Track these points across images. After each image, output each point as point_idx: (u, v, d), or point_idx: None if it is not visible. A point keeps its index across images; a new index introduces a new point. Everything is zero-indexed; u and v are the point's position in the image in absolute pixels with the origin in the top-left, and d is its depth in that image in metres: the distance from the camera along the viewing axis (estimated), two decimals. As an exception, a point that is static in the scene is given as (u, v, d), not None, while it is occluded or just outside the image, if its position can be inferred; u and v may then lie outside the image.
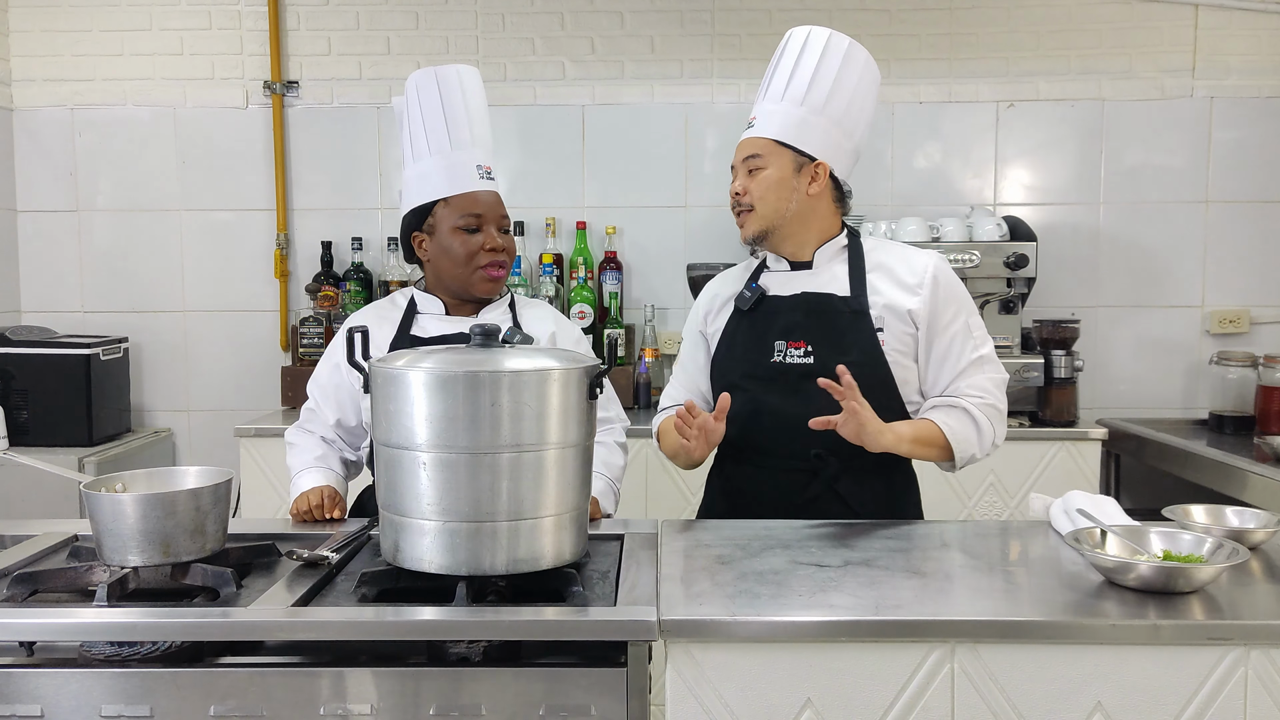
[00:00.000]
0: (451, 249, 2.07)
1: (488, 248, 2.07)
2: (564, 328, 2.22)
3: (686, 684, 1.46)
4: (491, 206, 2.10)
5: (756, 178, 2.02)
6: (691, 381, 2.19)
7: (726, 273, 2.23)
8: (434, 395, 1.50)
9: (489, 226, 2.08)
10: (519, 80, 3.72)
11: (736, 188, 2.05)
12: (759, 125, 2.03)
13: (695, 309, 2.22)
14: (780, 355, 2.02)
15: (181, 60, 3.77)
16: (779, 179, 2.00)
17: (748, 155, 2.03)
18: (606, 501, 2.10)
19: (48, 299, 3.82)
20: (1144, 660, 1.43)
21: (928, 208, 3.67)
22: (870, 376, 1.95)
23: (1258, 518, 1.78)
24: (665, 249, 3.79)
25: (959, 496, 3.24)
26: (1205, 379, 3.64)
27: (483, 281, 2.10)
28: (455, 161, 2.07)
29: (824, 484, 1.99)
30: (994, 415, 2.00)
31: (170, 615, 1.47)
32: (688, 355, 2.21)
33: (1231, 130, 3.70)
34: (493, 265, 2.09)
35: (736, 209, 2.05)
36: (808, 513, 1.98)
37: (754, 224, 2.03)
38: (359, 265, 3.71)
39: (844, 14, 3.69)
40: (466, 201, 2.07)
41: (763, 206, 2.01)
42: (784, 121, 2.00)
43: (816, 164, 2.00)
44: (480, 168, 2.10)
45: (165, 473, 1.73)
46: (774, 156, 2.00)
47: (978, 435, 1.98)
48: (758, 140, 2.02)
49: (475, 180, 2.08)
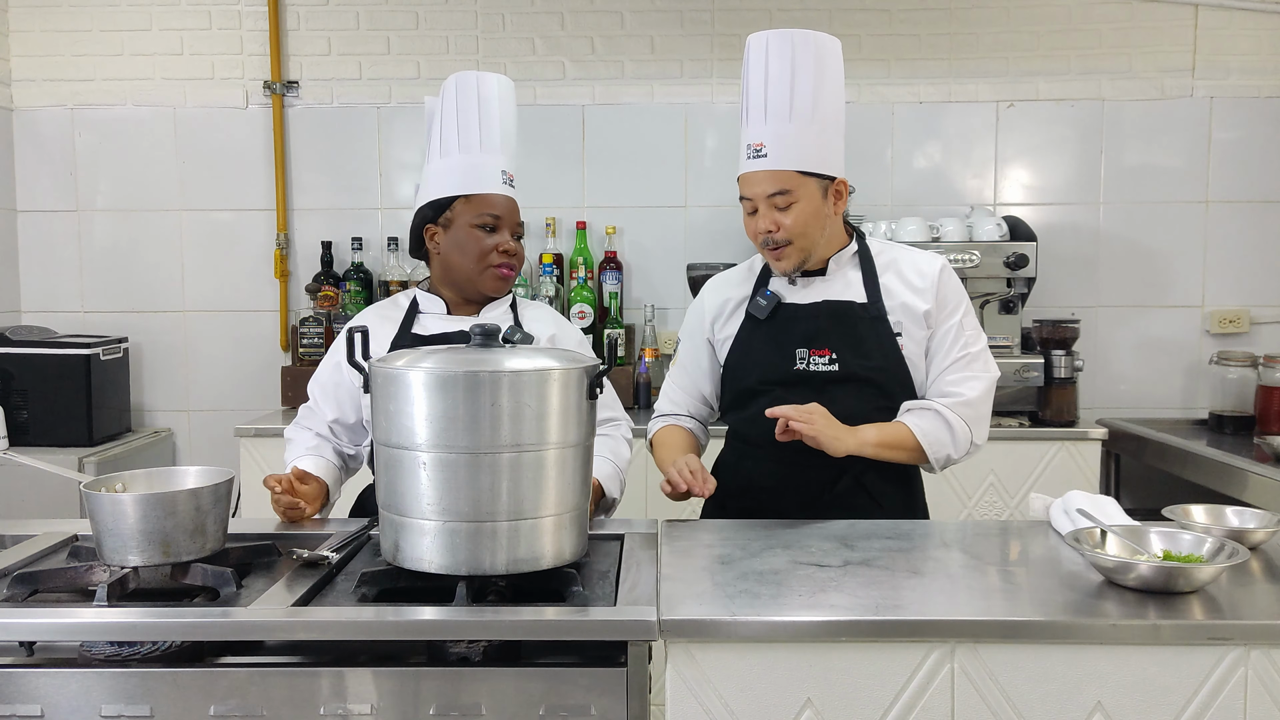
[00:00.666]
0: (465, 245, 2.09)
1: (501, 249, 2.10)
2: (565, 330, 2.23)
3: (686, 684, 1.46)
4: (510, 211, 2.13)
5: (791, 213, 1.94)
6: (693, 384, 2.19)
7: (727, 275, 2.20)
8: (434, 395, 1.50)
9: (504, 230, 2.11)
10: (519, 80, 3.64)
11: (765, 225, 1.95)
12: (773, 155, 1.93)
13: (699, 312, 2.19)
14: (803, 363, 2.01)
15: (181, 60, 3.77)
16: (813, 210, 1.95)
17: (773, 192, 1.94)
18: (612, 485, 2.11)
19: (48, 299, 3.82)
20: (1144, 660, 1.43)
21: (928, 208, 3.67)
22: (892, 380, 2.00)
23: (1258, 518, 1.78)
24: (665, 249, 3.79)
25: (959, 496, 3.24)
26: (1205, 379, 3.64)
27: (493, 280, 2.12)
28: (481, 163, 2.10)
29: (852, 479, 2.01)
30: (969, 415, 1.99)
31: (170, 615, 1.47)
32: (688, 357, 2.19)
33: (1231, 130, 3.70)
34: (504, 266, 2.11)
35: (770, 245, 1.97)
36: (834, 507, 1.99)
37: (795, 257, 1.98)
38: (359, 265, 3.71)
39: (844, 14, 3.69)
40: (486, 202, 2.10)
41: (802, 240, 1.96)
42: (803, 147, 1.94)
43: (838, 182, 1.99)
44: (505, 173, 2.13)
45: (165, 473, 1.73)
46: (803, 189, 1.94)
47: (951, 436, 1.98)
48: (781, 174, 1.93)
49: (498, 184, 2.11)
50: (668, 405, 2.23)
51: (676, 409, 2.21)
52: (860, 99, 3.71)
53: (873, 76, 3.71)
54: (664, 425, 2.20)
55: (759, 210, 1.97)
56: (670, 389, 2.22)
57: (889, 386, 2.00)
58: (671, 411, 2.21)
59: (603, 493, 2.08)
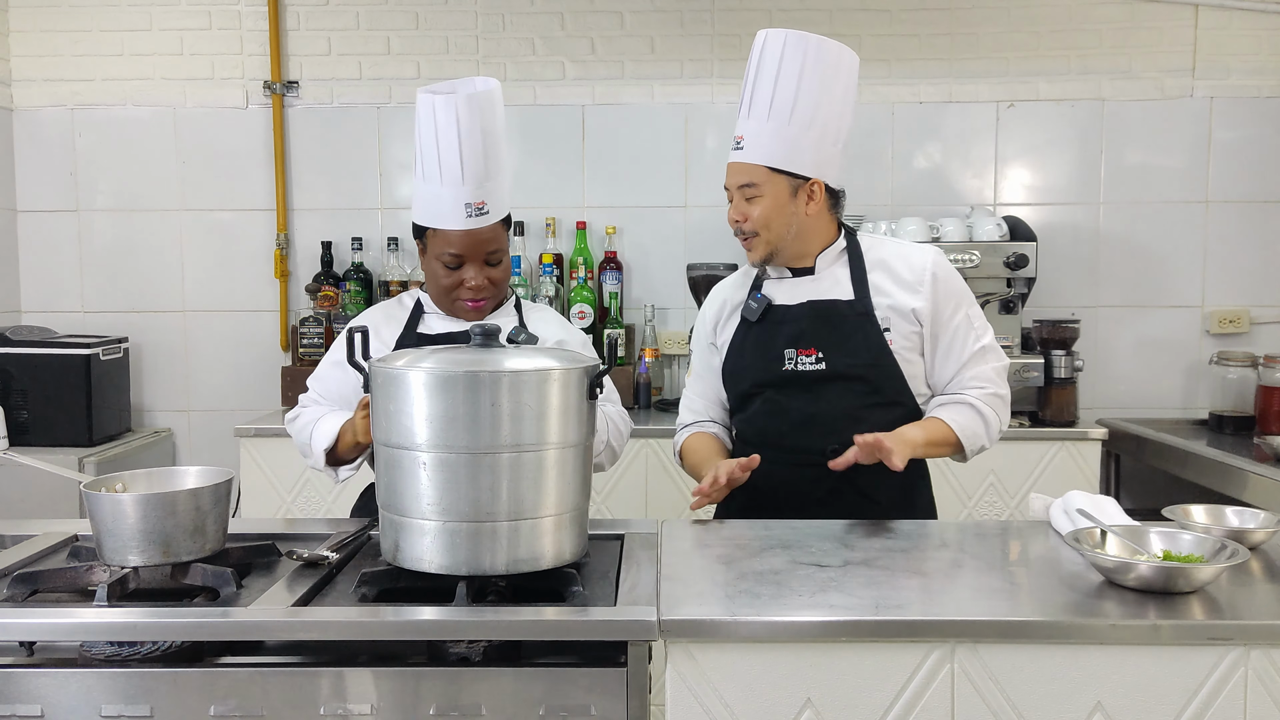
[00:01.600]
0: (435, 276, 2.10)
1: (467, 285, 2.07)
2: (570, 334, 2.22)
3: (686, 684, 1.46)
4: (474, 246, 2.05)
5: (755, 205, 2.01)
6: (709, 390, 2.21)
7: (728, 280, 2.25)
8: (434, 395, 1.50)
9: (471, 264, 2.06)
10: (519, 80, 3.71)
11: (735, 215, 2.04)
12: (748, 149, 2.00)
13: (704, 319, 2.23)
14: (791, 363, 2.04)
15: (181, 60, 3.77)
16: (777, 206, 2.00)
17: (743, 184, 2.01)
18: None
19: (48, 299, 3.82)
20: (1144, 660, 1.43)
21: (928, 208, 3.67)
22: (881, 376, 2.01)
23: (1258, 518, 1.78)
24: (665, 249, 3.78)
25: (959, 496, 3.24)
26: (1205, 379, 3.64)
27: (462, 311, 2.12)
28: (443, 196, 2.03)
29: (848, 479, 2.01)
30: (997, 404, 2.06)
31: (170, 615, 1.47)
32: (702, 364, 2.22)
33: (1231, 130, 3.70)
34: (470, 300, 2.09)
35: (739, 235, 2.06)
36: (828, 507, 2.00)
37: (760, 249, 2.04)
38: (359, 265, 3.70)
39: (844, 14, 3.69)
40: (445, 239, 2.05)
41: (766, 233, 2.02)
42: (773, 145, 1.98)
43: (812, 183, 2.01)
44: (470, 205, 2.02)
45: (165, 473, 1.73)
46: (769, 184, 1.99)
47: (985, 427, 2.04)
48: (750, 168, 2.00)
49: (460, 219, 2.02)
50: (689, 415, 2.25)
51: (698, 416, 2.23)
52: (860, 99, 3.67)
53: (873, 76, 3.70)
54: (690, 434, 2.22)
55: (733, 200, 2.05)
56: (690, 399, 2.25)
57: (878, 382, 2.01)
58: (694, 420, 2.24)
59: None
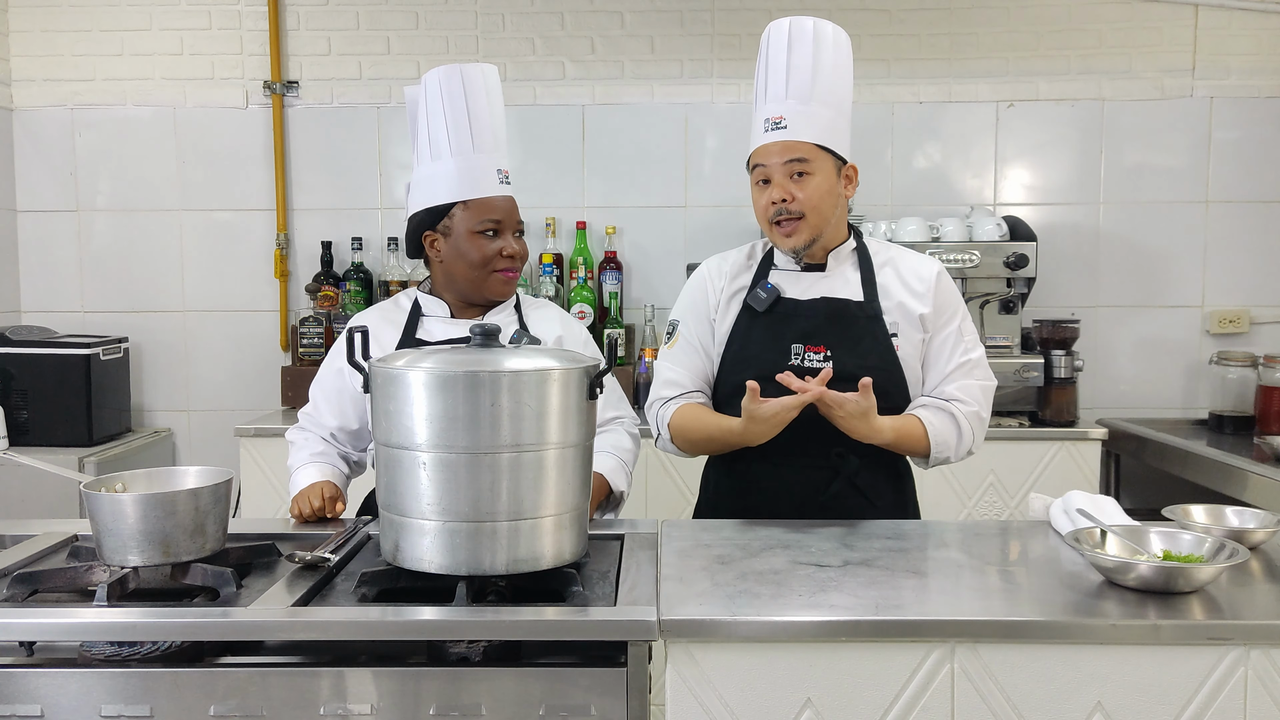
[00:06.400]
0: (468, 253, 2.06)
1: (505, 254, 2.07)
2: (571, 330, 2.21)
3: (686, 684, 1.46)
4: (510, 212, 2.09)
5: (806, 185, 1.94)
6: (696, 365, 2.08)
7: (728, 257, 2.13)
8: (434, 395, 1.50)
9: (507, 232, 2.08)
10: (519, 80, 3.71)
11: (779, 195, 1.94)
12: (795, 127, 1.93)
13: (700, 291, 2.10)
14: (798, 359, 2.00)
15: (181, 60, 3.77)
16: (829, 186, 1.96)
17: (791, 159, 1.93)
18: (618, 478, 2.09)
19: (48, 299, 3.82)
20: (1144, 660, 1.43)
21: (927, 208, 3.67)
22: (887, 380, 1.99)
23: (1258, 518, 1.78)
24: (665, 249, 3.78)
25: (959, 496, 3.24)
26: (1205, 379, 3.64)
27: (498, 284, 2.10)
28: (477, 164, 2.05)
29: (845, 480, 2.00)
30: (976, 424, 2.02)
31: (170, 615, 1.47)
32: (694, 334, 2.08)
33: (1231, 130, 3.70)
34: (508, 270, 2.09)
35: (781, 217, 1.95)
36: (829, 507, 1.99)
37: (805, 232, 1.96)
38: (359, 265, 3.70)
39: (844, 14, 3.68)
40: (486, 207, 2.05)
41: (814, 216, 1.95)
42: (821, 124, 1.95)
43: (849, 166, 2.00)
44: (500, 172, 2.08)
45: (165, 473, 1.73)
46: (820, 161, 1.95)
47: (957, 439, 2.01)
48: (801, 145, 1.93)
49: (495, 185, 2.06)
50: (671, 388, 2.08)
51: (684, 389, 2.08)
52: (860, 99, 3.70)
53: (873, 76, 3.71)
54: (680, 405, 2.06)
55: (773, 180, 1.96)
56: (670, 371, 2.09)
57: (884, 386, 1.98)
58: (680, 393, 2.07)
59: (609, 489, 2.06)
